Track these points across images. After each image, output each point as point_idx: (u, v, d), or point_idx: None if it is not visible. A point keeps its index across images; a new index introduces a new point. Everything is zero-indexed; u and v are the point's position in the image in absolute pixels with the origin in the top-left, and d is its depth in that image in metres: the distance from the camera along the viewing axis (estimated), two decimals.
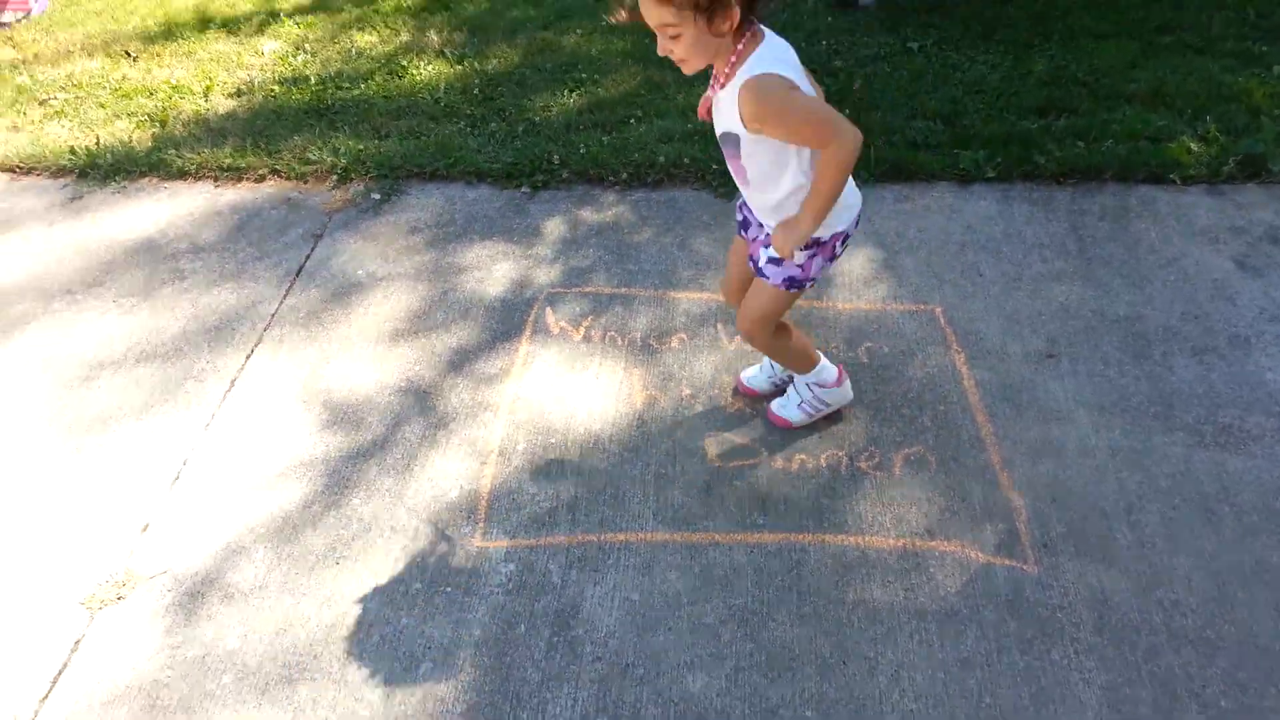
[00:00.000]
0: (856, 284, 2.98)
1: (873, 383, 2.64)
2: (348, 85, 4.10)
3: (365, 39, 4.52)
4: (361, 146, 3.66)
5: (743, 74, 1.84)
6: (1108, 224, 3.14)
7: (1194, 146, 3.42)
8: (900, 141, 3.53)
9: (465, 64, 4.22)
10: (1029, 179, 3.37)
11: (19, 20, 4.81)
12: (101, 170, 3.65)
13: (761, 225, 2.18)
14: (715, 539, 2.26)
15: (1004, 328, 2.77)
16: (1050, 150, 3.43)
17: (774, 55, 1.86)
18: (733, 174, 2.09)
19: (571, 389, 2.68)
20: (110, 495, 2.46)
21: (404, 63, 4.25)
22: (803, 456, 2.45)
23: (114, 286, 3.15)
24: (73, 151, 3.71)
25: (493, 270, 3.12)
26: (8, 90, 4.19)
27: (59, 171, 3.69)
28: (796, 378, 2.48)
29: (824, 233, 2.08)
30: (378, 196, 3.47)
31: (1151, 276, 2.92)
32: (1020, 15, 4.41)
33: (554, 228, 3.29)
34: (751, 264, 2.23)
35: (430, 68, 4.22)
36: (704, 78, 1.98)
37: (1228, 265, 2.95)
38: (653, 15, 1.77)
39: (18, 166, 3.71)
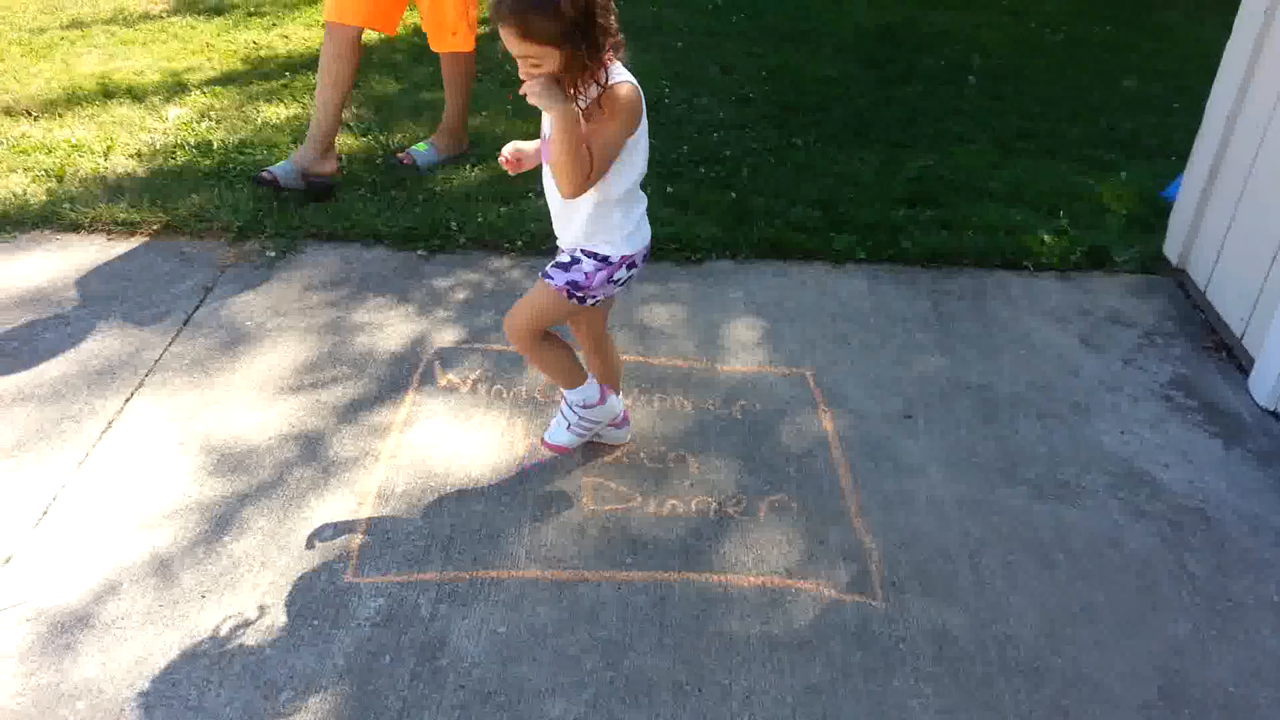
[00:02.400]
0: (735, 348, 3.13)
1: (745, 437, 2.77)
2: (250, 150, 4.18)
3: (272, 110, 4.62)
4: (259, 206, 3.72)
5: (616, 77, 2.07)
6: (966, 303, 3.39)
7: (1047, 238, 3.73)
8: (781, 224, 3.75)
9: (370, 137, 4.35)
10: (896, 261, 3.61)
11: None
12: None
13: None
14: (585, 576, 2.32)
15: (867, 391, 2.95)
16: (916, 237, 3.70)
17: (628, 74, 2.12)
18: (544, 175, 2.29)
19: (455, 437, 2.74)
20: None
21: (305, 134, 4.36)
22: (674, 501, 2.54)
23: None
24: None
25: (384, 327, 3.19)
26: None
27: None
28: (562, 402, 2.59)
29: (612, 252, 2.28)
30: (273, 254, 3.52)
31: (1003, 350, 3.15)
32: (894, 120, 4.77)
33: (448, 289, 3.39)
34: (541, 273, 2.40)
35: (336, 139, 4.33)
36: None
37: (1073, 342, 3.20)
38: (516, 48, 1.98)
39: None
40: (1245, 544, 2.46)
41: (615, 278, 2.32)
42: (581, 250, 2.31)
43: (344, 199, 3.82)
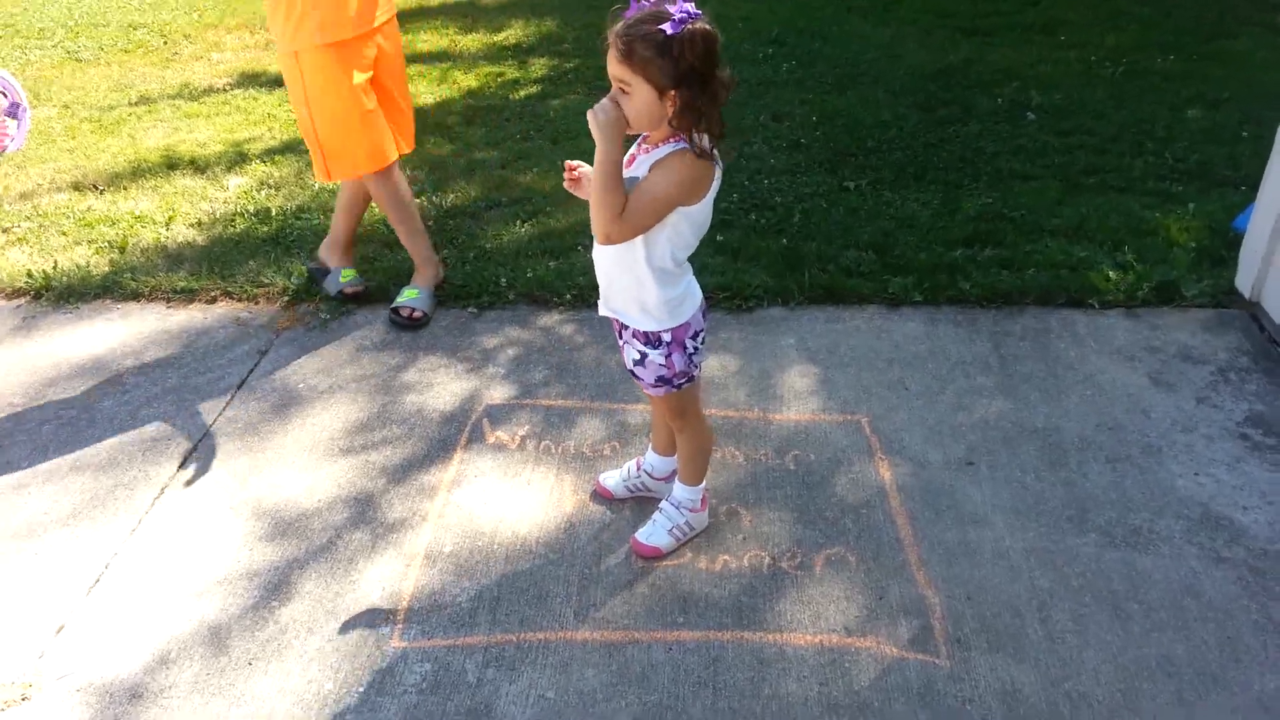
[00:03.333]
0: (788, 396, 3.06)
1: (799, 488, 2.68)
2: (307, 216, 4.25)
3: None
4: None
5: (681, 144, 2.00)
6: (1028, 344, 3.27)
7: (1112, 274, 3.59)
8: (834, 269, 3.68)
9: (424, 198, 4.40)
10: (954, 303, 3.51)
11: None
12: (55, 292, 3.73)
13: (626, 328, 2.27)
14: (634, 637, 2.25)
15: (926, 437, 2.84)
16: (975, 278, 3.59)
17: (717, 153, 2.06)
18: None
19: (503, 495, 2.70)
20: (26, 598, 2.43)
21: None
22: (726, 557, 2.46)
23: (55, 399, 3.19)
24: (29, 275, 3.81)
25: (433, 385, 3.18)
26: None
27: (14, 294, 3.77)
28: (668, 502, 2.50)
29: (657, 327, 2.19)
30: (326, 316, 3.56)
31: (1069, 391, 3.02)
32: (951, 159, 4.67)
33: (497, 345, 3.38)
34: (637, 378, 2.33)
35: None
36: None
37: (1142, 381, 3.06)
38: (613, 68, 1.94)
39: None
40: None
41: (689, 349, 2.24)
42: (631, 333, 2.26)
43: (399, 259, 3.85)
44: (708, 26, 1.90)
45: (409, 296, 3.54)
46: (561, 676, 2.16)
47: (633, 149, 2.13)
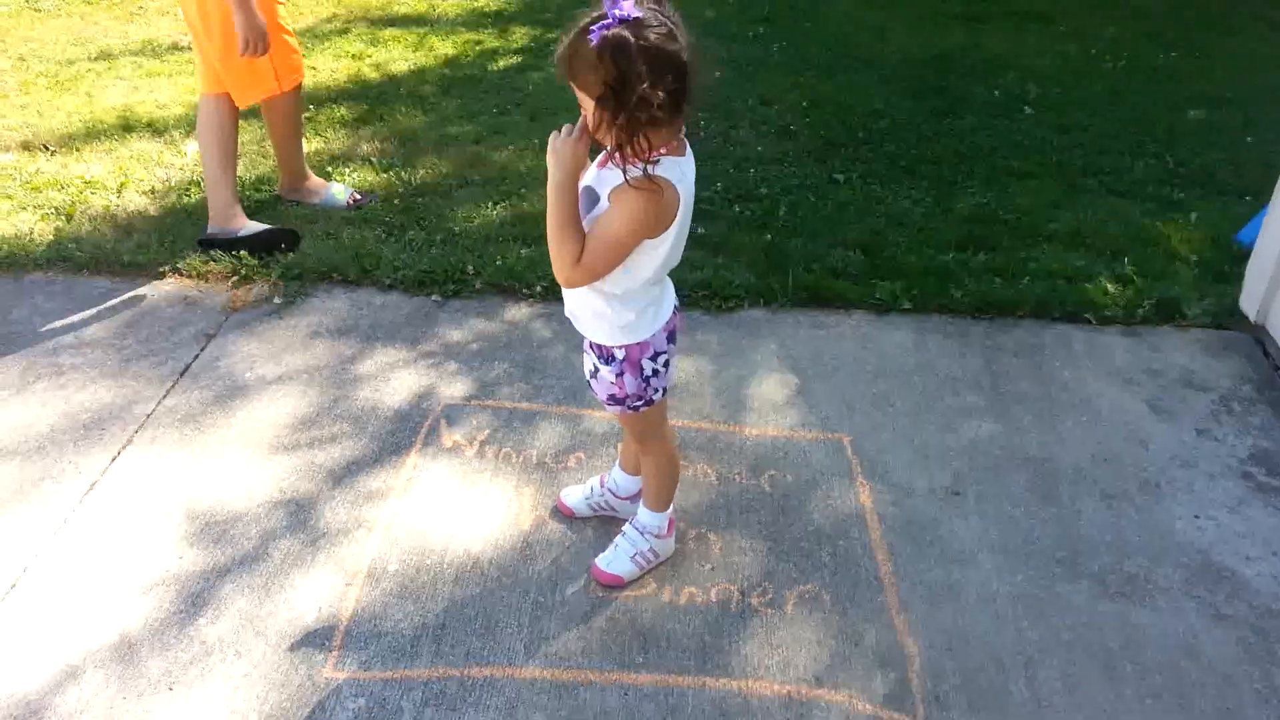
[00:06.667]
0: (766, 409, 2.88)
1: (774, 513, 2.51)
2: (267, 188, 4.02)
3: None
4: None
5: (659, 171, 1.77)
6: (1022, 360, 3.10)
7: (1111, 288, 3.42)
8: (819, 269, 3.49)
9: (391, 173, 4.17)
10: (945, 311, 3.33)
11: None
12: None
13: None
14: (588, 678, 2.08)
15: (911, 461, 2.68)
16: (967, 285, 3.41)
17: (686, 176, 1.83)
18: None
19: (456, 508, 2.52)
20: None
21: (330, 169, 4.19)
22: (692, 589, 2.29)
23: None
24: None
25: (390, 380, 2.98)
26: None
27: None
28: (631, 526, 2.33)
29: (609, 341, 2.00)
30: (280, 300, 3.34)
31: (1064, 416, 2.86)
32: (946, 154, 4.48)
33: (460, 338, 3.18)
34: None
35: (356, 175, 4.17)
36: None
37: (1141, 408, 2.90)
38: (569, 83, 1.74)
39: None
40: None
41: (645, 370, 2.03)
42: (588, 343, 2.06)
43: (361, 238, 3.63)
44: (624, 33, 1.62)
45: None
46: None
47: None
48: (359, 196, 3.93)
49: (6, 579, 2.30)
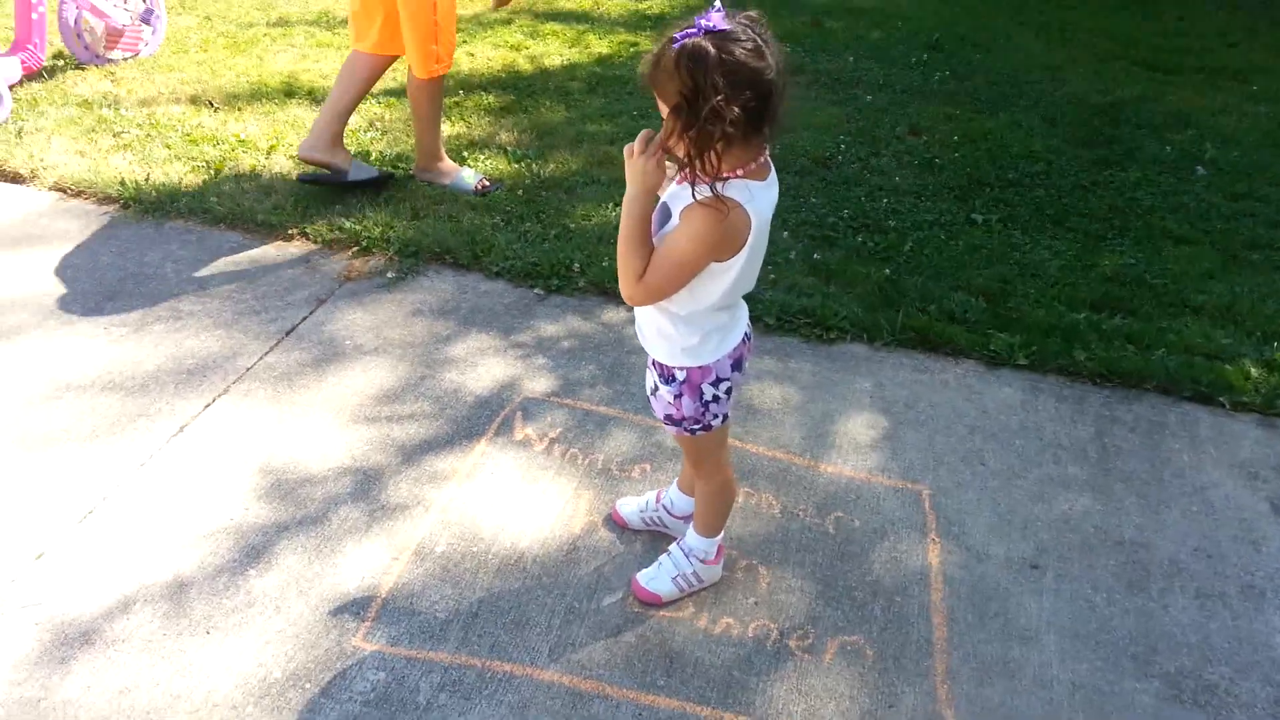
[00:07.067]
0: (846, 447, 2.76)
1: (832, 557, 2.40)
2: (403, 166, 4.13)
3: None
4: (392, 223, 3.65)
5: (730, 192, 1.70)
6: (1138, 437, 2.87)
7: (1255, 372, 3.14)
8: (934, 310, 3.34)
9: (523, 164, 4.23)
10: (1064, 374, 3.12)
11: (125, 59, 5.06)
12: (142, 205, 3.72)
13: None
14: (605, 691, 2.03)
15: (993, 525, 2.51)
16: (1094, 348, 3.19)
17: (757, 199, 1.75)
18: None
19: (513, 500, 2.51)
20: (17, 517, 2.37)
21: (466, 154, 4.29)
22: (730, 620, 2.21)
23: (111, 313, 3.15)
24: (122, 183, 3.80)
25: (478, 366, 3.01)
26: (90, 119, 4.36)
27: (105, 199, 3.77)
28: (678, 547, 2.26)
29: (671, 362, 1.93)
30: (392, 274, 3.43)
31: (1172, 502, 2.63)
32: (1099, 207, 4.22)
33: (553, 334, 3.18)
34: None
35: (489, 162, 4.24)
36: None
37: (1261, 506, 2.64)
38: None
39: (69, 188, 3.81)
40: None
41: (706, 396, 1.97)
42: (652, 359, 2.01)
43: (479, 223, 3.70)
44: (705, 44, 1.58)
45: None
46: (516, 718, 1.96)
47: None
48: (487, 183, 4.00)
49: (86, 505, 2.43)
